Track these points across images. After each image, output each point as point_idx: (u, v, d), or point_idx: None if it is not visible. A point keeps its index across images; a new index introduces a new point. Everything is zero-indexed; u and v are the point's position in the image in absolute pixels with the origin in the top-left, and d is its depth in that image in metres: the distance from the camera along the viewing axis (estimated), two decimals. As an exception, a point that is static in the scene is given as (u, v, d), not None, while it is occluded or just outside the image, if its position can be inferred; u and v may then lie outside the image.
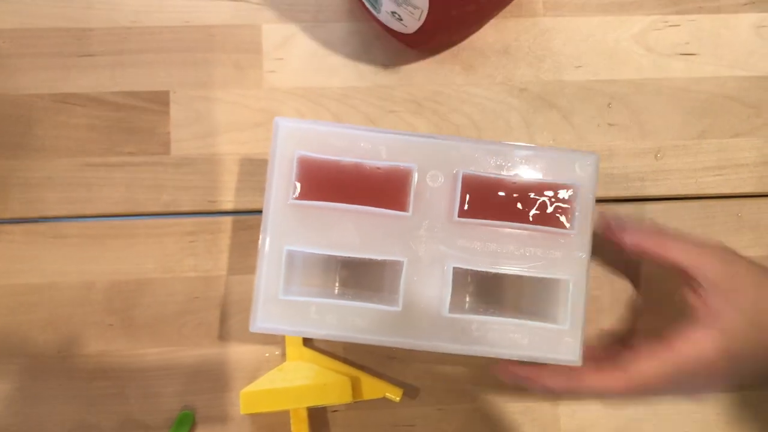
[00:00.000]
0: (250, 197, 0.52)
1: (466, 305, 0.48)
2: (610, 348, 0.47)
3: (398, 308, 0.43)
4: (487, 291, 0.48)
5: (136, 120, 0.52)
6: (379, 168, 0.43)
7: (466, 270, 0.44)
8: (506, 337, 0.43)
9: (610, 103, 0.53)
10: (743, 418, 0.51)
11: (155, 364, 0.50)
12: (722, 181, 0.52)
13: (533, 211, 0.43)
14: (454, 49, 0.53)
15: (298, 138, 0.43)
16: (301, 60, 0.53)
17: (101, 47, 0.52)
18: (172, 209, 0.51)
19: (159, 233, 0.51)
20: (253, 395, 0.48)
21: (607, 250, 0.46)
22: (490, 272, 0.43)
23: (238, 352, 0.50)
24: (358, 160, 0.43)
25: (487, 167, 0.43)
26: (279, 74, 0.52)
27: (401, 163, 0.43)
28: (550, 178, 0.43)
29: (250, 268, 0.50)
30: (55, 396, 0.50)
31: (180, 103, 0.52)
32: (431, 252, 0.43)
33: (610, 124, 0.53)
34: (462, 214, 0.43)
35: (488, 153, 0.43)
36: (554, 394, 0.50)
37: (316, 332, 0.43)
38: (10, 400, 0.49)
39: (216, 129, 0.52)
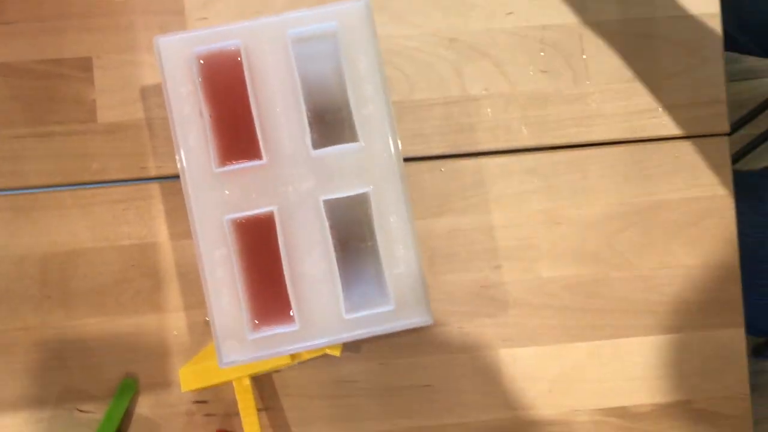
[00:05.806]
0: (182, 162, 0.51)
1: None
2: None
3: None
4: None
5: (61, 88, 0.50)
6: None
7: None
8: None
9: (542, 51, 0.52)
10: (683, 360, 0.51)
11: (95, 334, 0.50)
12: (657, 123, 0.52)
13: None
14: (381, 1, 0.52)
15: None
16: (225, 19, 0.51)
17: (18, 14, 0.50)
18: (102, 177, 0.50)
19: (91, 202, 0.50)
20: (192, 372, 0.47)
21: None
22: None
23: (177, 318, 0.50)
24: None
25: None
26: (204, 34, 0.51)
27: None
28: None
29: (186, 233, 0.50)
30: (-4, 370, 0.49)
31: (104, 68, 0.51)
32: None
33: (543, 71, 0.52)
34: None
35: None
36: None
37: None
38: (-50, 376, 0.49)
39: (143, 93, 0.51)
